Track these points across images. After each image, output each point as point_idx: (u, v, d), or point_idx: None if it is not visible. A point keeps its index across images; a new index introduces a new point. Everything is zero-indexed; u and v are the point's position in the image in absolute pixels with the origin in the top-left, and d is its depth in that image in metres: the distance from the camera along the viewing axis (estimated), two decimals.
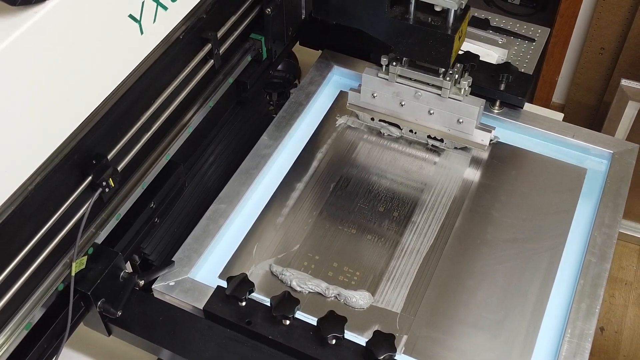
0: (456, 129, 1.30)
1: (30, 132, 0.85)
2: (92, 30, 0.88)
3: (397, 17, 1.20)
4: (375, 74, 1.30)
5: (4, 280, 0.90)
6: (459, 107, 1.27)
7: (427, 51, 1.20)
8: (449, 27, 1.18)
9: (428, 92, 1.28)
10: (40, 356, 1.00)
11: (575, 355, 1.05)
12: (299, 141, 1.38)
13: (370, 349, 0.99)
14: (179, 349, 1.05)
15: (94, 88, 0.93)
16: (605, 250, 1.17)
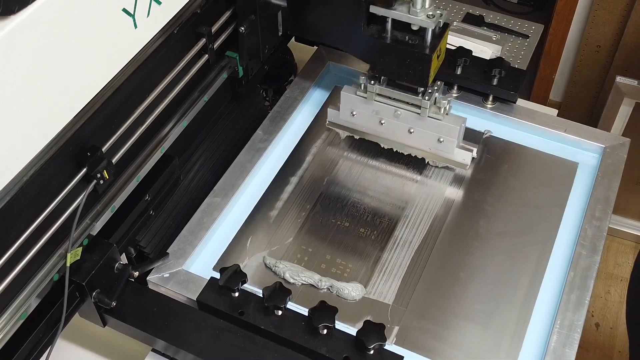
0: (437, 148, 1.29)
1: (25, 123, 0.86)
2: (87, 24, 0.89)
3: (374, 35, 1.18)
4: (354, 92, 1.28)
5: (0, 269, 0.91)
6: (439, 126, 1.25)
7: (404, 70, 1.19)
8: (427, 45, 1.16)
9: (407, 111, 1.26)
10: (36, 346, 1.02)
11: (564, 345, 1.06)
12: (293, 136, 1.39)
13: (361, 338, 1.01)
14: (172, 339, 1.07)
15: (88, 80, 0.94)
16: (595, 242, 1.18)
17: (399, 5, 1.14)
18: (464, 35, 1.58)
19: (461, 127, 1.25)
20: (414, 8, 1.12)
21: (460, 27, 1.61)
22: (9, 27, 0.78)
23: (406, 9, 1.13)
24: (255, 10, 1.22)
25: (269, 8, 1.27)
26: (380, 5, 1.14)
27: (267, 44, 1.32)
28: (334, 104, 1.34)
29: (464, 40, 1.55)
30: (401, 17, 1.13)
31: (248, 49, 1.27)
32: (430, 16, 1.12)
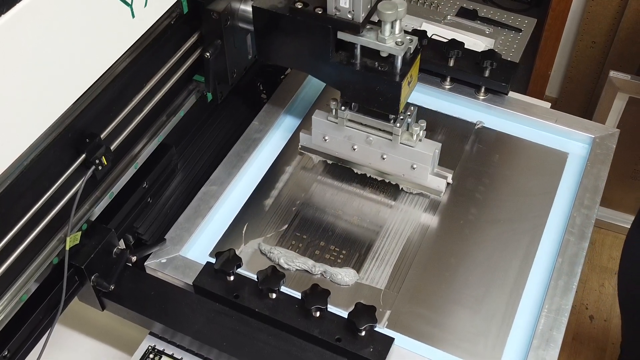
0: (411, 175, 1.26)
1: (25, 109, 0.88)
2: (85, 12, 0.92)
3: (343, 62, 1.16)
4: (325, 117, 1.26)
5: (1, 251, 0.93)
6: (412, 153, 1.22)
7: (374, 97, 1.16)
8: (397, 72, 1.13)
9: (379, 137, 1.23)
10: (36, 327, 1.04)
11: (552, 328, 1.09)
12: (288, 126, 1.42)
13: (352, 320, 1.03)
14: (169, 322, 1.09)
15: (86, 68, 0.97)
16: (583, 230, 1.21)
17: (367, 32, 1.11)
18: (458, 29, 1.60)
19: (435, 154, 1.23)
20: (382, 35, 1.09)
21: (453, 21, 1.64)
22: (9, 14, 0.81)
23: (374, 35, 1.10)
24: (221, 35, 1.19)
25: (236, 32, 1.23)
26: (348, 32, 1.11)
27: (235, 68, 1.27)
28: (307, 128, 1.32)
29: (457, 33, 1.57)
30: (369, 43, 1.11)
31: (215, 74, 1.24)
32: (399, 43, 1.10)
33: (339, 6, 1.08)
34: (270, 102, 1.42)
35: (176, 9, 1.13)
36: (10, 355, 1.01)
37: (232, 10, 1.19)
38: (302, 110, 1.45)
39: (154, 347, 1.14)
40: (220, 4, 1.17)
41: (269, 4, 1.16)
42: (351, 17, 1.08)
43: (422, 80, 1.44)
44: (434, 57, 1.42)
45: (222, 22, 1.17)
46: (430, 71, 1.44)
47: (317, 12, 1.11)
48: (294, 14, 1.13)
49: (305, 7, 1.12)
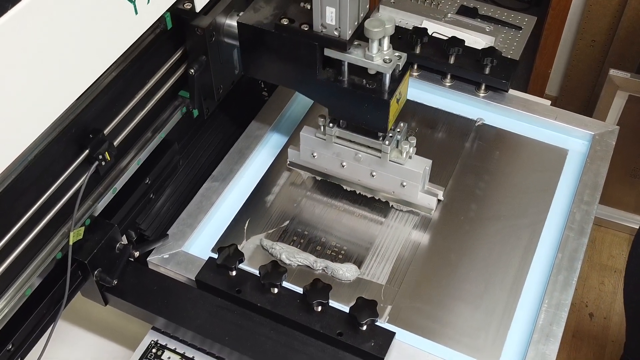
0: (400, 192, 1.24)
1: (29, 103, 0.89)
2: (89, 9, 0.92)
3: (330, 79, 1.13)
4: (314, 134, 1.23)
5: (5, 246, 0.94)
6: (401, 170, 1.20)
7: (363, 115, 1.14)
8: (385, 90, 1.10)
9: (368, 154, 1.21)
10: (40, 322, 1.05)
11: (552, 323, 1.09)
12: (290, 123, 1.43)
13: (354, 314, 1.04)
14: (172, 317, 1.10)
15: (90, 65, 0.97)
16: (583, 226, 1.22)
17: (354, 49, 1.09)
18: (458, 27, 1.61)
19: (425, 171, 1.21)
20: (369, 52, 1.07)
21: (454, 19, 1.64)
22: (14, 10, 0.81)
23: (362, 52, 1.08)
24: (206, 51, 1.16)
25: (221, 48, 1.20)
26: (335, 49, 1.09)
27: (221, 83, 1.24)
28: (295, 144, 1.30)
29: (457, 31, 1.58)
30: (356, 61, 1.08)
31: (201, 90, 1.22)
32: (387, 60, 1.07)
33: (325, 23, 1.06)
34: (272, 100, 1.43)
35: (160, 24, 1.11)
36: (15, 349, 1.02)
37: (217, 26, 1.16)
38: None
39: (157, 342, 1.15)
40: (204, 19, 1.14)
41: (254, 20, 1.14)
42: (338, 34, 1.06)
43: (422, 77, 1.45)
44: (434, 54, 1.43)
45: (207, 38, 1.14)
46: (431, 68, 1.45)
47: (303, 29, 1.09)
48: (280, 30, 1.11)
49: (291, 24, 1.10)
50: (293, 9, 1.12)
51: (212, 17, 1.14)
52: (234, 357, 1.08)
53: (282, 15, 1.12)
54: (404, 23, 1.63)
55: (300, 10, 1.12)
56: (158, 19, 1.06)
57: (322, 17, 1.05)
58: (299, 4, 1.12)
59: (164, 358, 1.13)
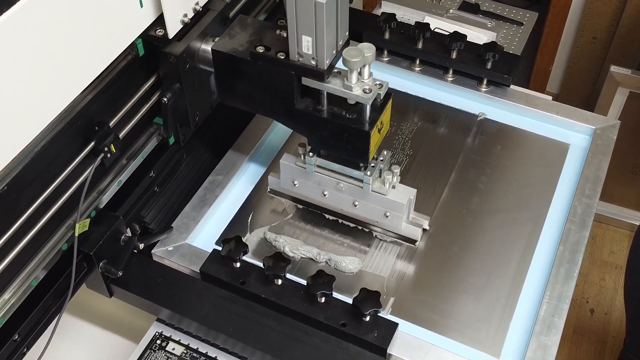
0: (384, 223, 1.19)
1: (36, 95, 0.90)
2: (96, 1, 0.93)
3: (308, 108, 1.08)
4: (294, 162, 1.18)
5: (11, 237, 0.95)
6: (384, 201, 1.15)
7: (343, 145, 1.09)
8: (366, 121, 1.05)
9: (350, 184, 1.16)
10: (46, 312, 1.06)
11: (553, 315, 1.10)
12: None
13: (357, 305, 1.05)
14: (176, 308, 1.11)
15: (96, 56, 0.99)
16: (584, 219, 1.22)
17: (333, 78, 1.03)
18: (460, 23, 1.62)
19: (409, 201, 1.16)
20: (348, 82, 1.02)
21: (456, 15, 1.65)
22: (21, 3, 0.82)
23: (341, 82, 1.03)
24: (180, 79, 1.12)
25: (197, 74, 1.16)
26: (313, 78, 1.04)
27: (198, 110, 1.19)
28: (275, 172, 1.26)
29: (459, 27, 1.59)
30: (335, 91, 1.03)
31: (176, 118, 1.18)
32: (366, 91, 1.02)
33: (301, 52, 1.01)
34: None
35: (131, 51, 1.07)
36: (21, 340, 1.02)
37: (192, 52, 1.12)
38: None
39: (161, 333, 1.16)
40: (178, 46, 1.10)
41: (229, 47, 1.09)
42: (315, 63, 1.01)
43: (424, 72, 1.46)
44: (436, 49, 1.43)
45: (180, 66, 1.10)
46: (433, 63, 1.45)
47: (279, 58, 1.04)
48: (255, 58, 1.06)
49: (267, 52, 1.05)
50: (269, 36, 1.07)
51: (186, 43, 1.10)
52: (238, 347, 1.09)
53: (258, 42, 1.07)
54: (406, 19, 1.64)
55: (276, 37, 1.07)
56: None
57: (298, 46, 1.01)
58: (275, 31, 1.08)
59: (169, 349, 1.14)
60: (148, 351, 1.14)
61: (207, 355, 1.13)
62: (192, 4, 1.11)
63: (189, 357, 1.13)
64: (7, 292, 0.98)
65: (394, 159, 1.35)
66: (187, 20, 1.11)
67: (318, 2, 0.94)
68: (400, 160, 1.34)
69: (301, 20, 0.97)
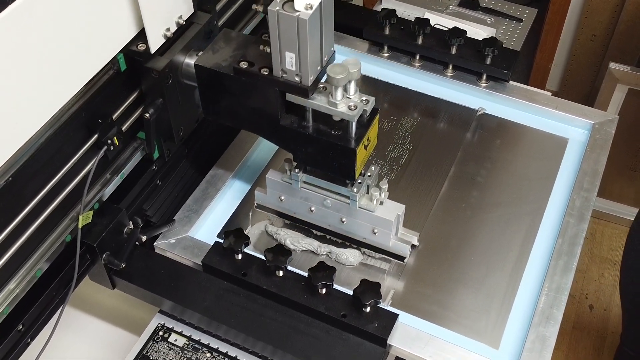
0: (372, 239, 1.17)
1: (42, 87, 0.91)
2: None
3: (293, 124, 1.06)
4: (280, 178, 1.17)
5: (16, 228, 0.96)
6: (372, 217, 1.14)
7: (328, 162, 1.07)
8: (351, 138, 1.03)
9: (337, 201, 1.15)
10: (49, 303, 1.07)
11: (552, 306, 1.11)
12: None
13: (357, 295, 1.06)
14: (179, 300, 1.12)
15: (99, 50, 0.99)
16: (583, 212, 1.23)
17: (318, 94, 1.01)
18: (459, 18, 1.63)
19: (397, 217, 1.14)
20: (333, 99, 1.00)
21: (455, 11, 1.66)
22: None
23: (326, 98, 1.01)
24: (162, 94, 1.09)
25: (181, 89, 1.13)
26: (297, 94, 1.02)
27: (182, 125, 1.17)
28: (262, 187, 1.23)
29: (459, 23, 1.60)
30: (320, 107, 1.01)
31: (160, 133, 1.15)
32: (352, 107, 0.99)
33: (285, 68, 0.99)
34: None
35: (113, 65, 1.05)
36: (25, 330, 1.03)
37: (175, 66, 1.09)
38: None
39: (164, 325, 1.17)
40: (160, 61, 1.07)
41: (212, 62, 1.07)
42: (299, 79, 0.99)
43: (424, 67, 1.47)
44: (436, 45, 1.45)
45: (163, 81, 1.07)
46: (433, 59, 1.47)
47: (263, 74, 1.02)
48: (238, 74, 1.04)
49: (251, 67, 1.03)
50: (253, 51, 1.05)
51: (169, 57, 1.08)
52: (240, 338, 1.10)
53: (242, 57, 1.04)
54: (406, 15, 1.64)
55: (260, 52, 1.04)
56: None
57: (281, 62, 0.98)
58: (259, 46, 1.05)
59: (171, 340, 1.15)
60: (150, 342, 1.15)
61: (209, 347, 1.14)
62: (175, 17, 1.09)
63: (191, 349, 1.14)
64: (11, 283, 0.99)
65: (393, 152, 1.36)
66: (169, 35, 1.08)
67: (300, 19, 0.92)
68: (400, 155, 1.36)
69: (284, 36, 0.95)
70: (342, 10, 1.58)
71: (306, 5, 0.92)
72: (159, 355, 1.13)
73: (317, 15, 0.94)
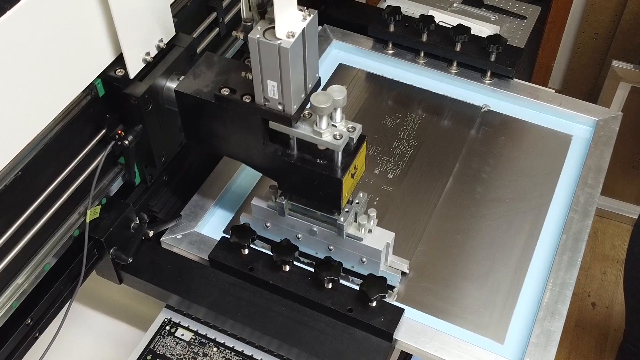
0: (361, 268, 1.14)
1: (50, 82, 0.92)
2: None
3: (277, 152, 1.03)
4: (265, 204, 1.13)
5: (24, 222, 0.97)
6: (360, 246, 1.10)
7: (314, 192, 1.04)
8: (337, 167, 1.00)
9: (324, 229, 1.11)
10: (57, 297, 1.08)
11: (557, 301, 1.12)
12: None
13: (364, 289, 1.06)
14: (185, 294, 1.13)
15: (106, 48, 1.00)
16: (587, 208, 1.24)
17: (302, 122, 0.98)
18: (463, 16, 1.63)
19: (387, 246, 1.11)
20: (318, 128, 0.97)
21: (459, 8, 1.67)
22: None
23: (310, 127, 0.98)
24: (142, 120, 1.06)
25: (162, 115, 1.10)
26: (281, 123, 0.99)
27: (164, 151, 1.14)
28: (247, 212, 1.20)
29: (463, 20, 1.61)
30: (304, 136, 0.98)
31: (142, 159, 1.13)
32: (337, 137, 0.96)
33: (267, 96, 0.96)
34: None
35: (91, 91, 1.01)
36: (33, 324, 1.04)
37: (155, 91, 1.06)
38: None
39: (170, 320, 1.17)
40: (139, 87, 1.04)
41: (193, 88, 1.04)
42: (282, 108, 0.96)
43: (429, 65, 1.48)
44: (440, 42, 1.45)
45: (142, 107, 1.04)
46: (437, 56, 1.47)
47: (245, 101, 0.99)
48: (220, 101, 1.01)
49: (232, 94, 1.00)
50: (235, 77, 1.02)
51: (149, 83, 1.05)
52: (246, 332, 1.11)
53: (223, 84, 1.01)
54: (410, 12, 1.65)
55: (242, 79, 1.01)
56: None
57: (263, 91, 0.95)
58: (241, 72, 1.02)
59: (178, 335, 1.16)
60: (157, 337, 1.16)
61: (216, 341, 1.15)
62: (155, 41, 1.06)
63: (198, 343, 1.15)
64: (20, 277, 1.00)
65: (398, 149, 1.36)
66: (149, 59, 1.05)
67: (282, 47, 0.89)
68: (405, 151, 1.36)
69: (265, 64, 0.92)
70: (346, 8, 1.59)
71: (288, 33, 0.89)
72: (165, 350, 1.14)
73: (299, 43, 0.91)
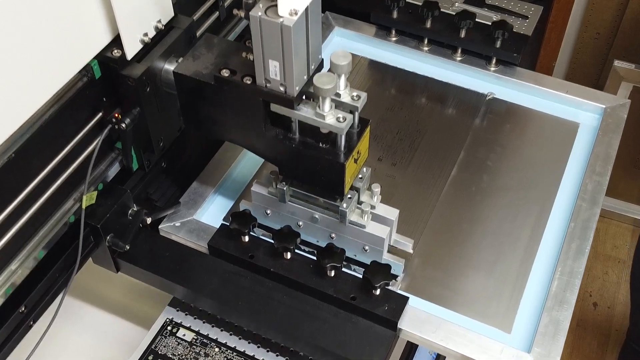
0: (363, 256, 1.11)
1: (44, 62, 0.89)
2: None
3: (279, 136, 0.99)
4: (265, 191, 1.09)
5: (17, 207, 0.93)
6: (363, 234, 1.07)
7: (316, 178, 1.01)
8: (340, 152, 0.97)
9: (326, 216, 1.08)
10: (52, 285, 1.04)
11: (565, 290, 1.09)
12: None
13: (368, 276, 1.03)
14: (184, 282, 1.09)
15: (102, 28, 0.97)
16: (595, 196, 1.21)
17: (304, 105, 0.95)
18: None
19: (389, 232, 1.08)
20: (320, 111, 0.93)
21: (461, 8, 1.64)
22: None
23: (312, 110, 0.95)
24: (140, 103, 1.03)
25: (160, 98, 1.07)
26: (282, 105, 0.95)
27: (162, 135, 1.11)
28: (247, 199, 1.16)
29: None
30: (306, 119, 0.95)
31: (139, 144, 1.09)
32: (340, 119, 0.93)
33: (269, 77, 0.92)
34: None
35: (87, 73, 0.98)
36: (27, 311, 1.01)
37: (153, 73, 1.03)
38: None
39: (172, 320, 1.15)
40: (137, 68, 1.00)
41: (193, 69, 1.00)
42: (283, 89, 0.93)
43: (433, 52, 1.46)
44: (445, 28, 1.43)
45: (140, 89, 1.01)
46: (442, 43, 1.45)
47: (246, 82, 0.95)
48: (219, 83, 0.98)
49: (233, 76, 0.97)
50: (236, 58, 0.99)
51: (147, 64, 1.01)
52: (245, 321, 1.08)
53: (223, 65, 0.98)
54: None
55: (243, 60, 0.98)
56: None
57: (265, 72, 0.92)
58: (242, 53, 0.99)
59: (179, 335, 1.13)
60: (159, 337, 1.13)
61: (217, 341, 1.12)
62: (153, 22, 1.03)
63: (199, 343, 1.12)
64: (13, 263, 0.97)
65: (402, 137, 1.34)
66: (147, 40, 1.02)
67: (285, 25, 0.85)
68: (409, 140, 1.33)
69: (267, 44, 0.88)
70: None
71: (291, 10, 0.85)
72: (167, 350, 1.11)
73: (302, 21, 0.88)
